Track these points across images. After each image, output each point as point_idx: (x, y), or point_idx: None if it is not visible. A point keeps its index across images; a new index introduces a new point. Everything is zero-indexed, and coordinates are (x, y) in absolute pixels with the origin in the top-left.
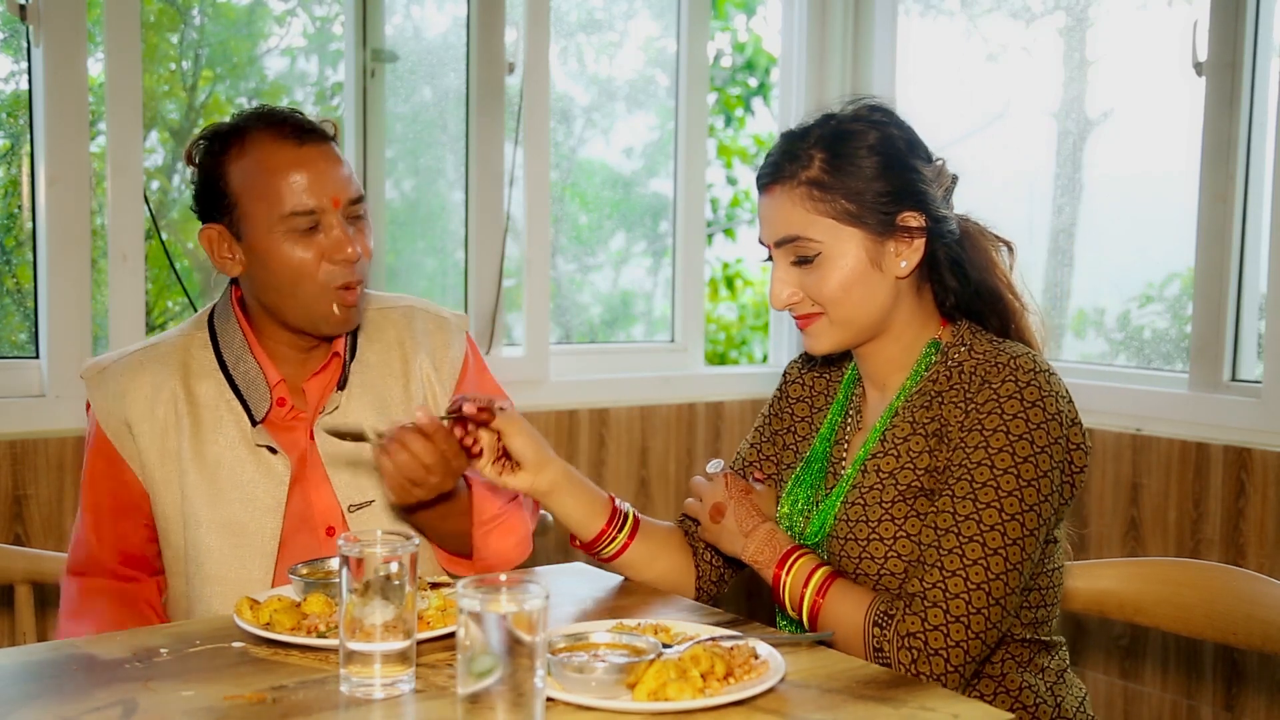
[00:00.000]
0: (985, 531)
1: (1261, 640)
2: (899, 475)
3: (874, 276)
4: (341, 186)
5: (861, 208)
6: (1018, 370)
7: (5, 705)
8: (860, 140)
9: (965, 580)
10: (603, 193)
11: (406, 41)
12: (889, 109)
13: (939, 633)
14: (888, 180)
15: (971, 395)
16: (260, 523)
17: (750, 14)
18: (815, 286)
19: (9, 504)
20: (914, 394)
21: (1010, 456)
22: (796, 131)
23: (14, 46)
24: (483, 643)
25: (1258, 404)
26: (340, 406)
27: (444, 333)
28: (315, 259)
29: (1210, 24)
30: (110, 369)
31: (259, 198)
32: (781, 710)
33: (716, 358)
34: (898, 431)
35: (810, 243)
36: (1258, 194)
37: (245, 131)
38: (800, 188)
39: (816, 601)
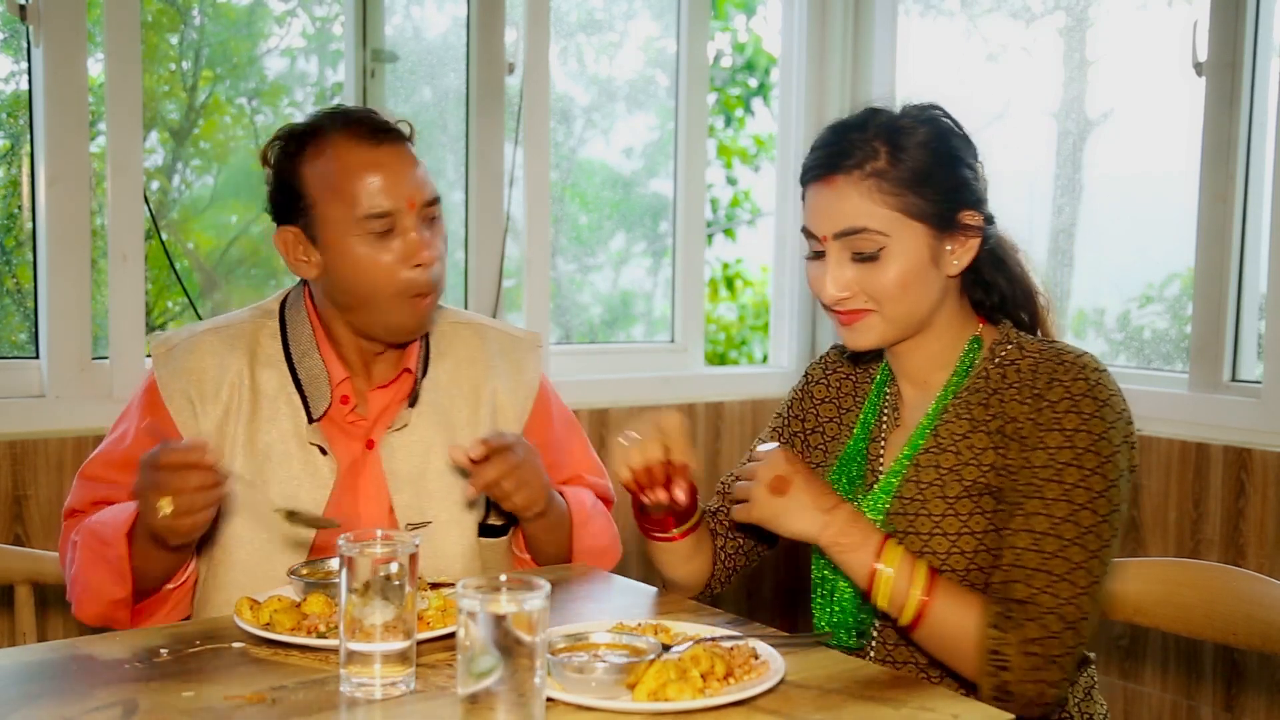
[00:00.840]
0: (1083, 534)
1: (1261, 640)
2: (963, 472)
3: (930, 274)
4: (417, 188)
5: (927, 202)
6: (1086, 369)
7: (5, 705)
8: (918, 134)
9: (1073, 585)
10: (603, 193)
11: (406, 42)
12: (939, 105)
13: (1056, 640)
14: (948, 176)
15: (1041, 392)
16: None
17: (750, 14)
18: (874, 282)
19: (9, 504)
20: (965, 390)
21: (1095, 456)
22: (852, 122)
23: (14, 46)
24: (483, 643)
25: (1258, 404)
26: (410, 424)
27: (517, 353)
28: (392, 263)
29: (1210, 24)
30: (179, 346)
31: (335, 200)
32: (781, 710)
33: (716, 358)
34: (955, 428)
35: (875, 236)
36: (1258, 194)
37: (320, 132)
38: (869, 179)
39: (924, 601)
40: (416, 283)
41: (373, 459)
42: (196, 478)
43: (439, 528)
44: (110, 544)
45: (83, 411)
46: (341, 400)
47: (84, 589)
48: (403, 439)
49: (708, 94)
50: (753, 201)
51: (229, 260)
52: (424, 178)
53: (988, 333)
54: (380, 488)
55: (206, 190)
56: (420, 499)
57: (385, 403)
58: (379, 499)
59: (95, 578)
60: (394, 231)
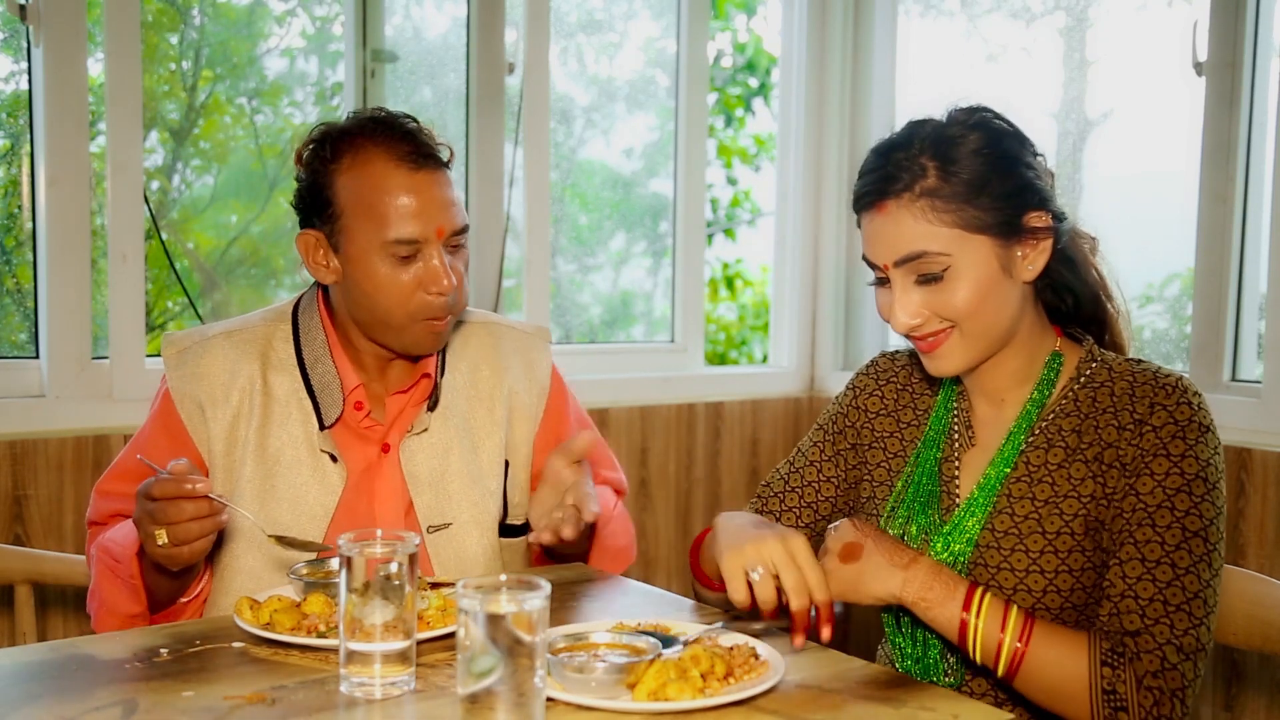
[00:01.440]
0: (1197, 563)
1: (1261, 640)
2: (1062, 505)
3: (1005, 284)
4: (448, 217)
5: (987, 212)
6: (1188, 393)
7: (5, 705)
8: (968, 141)
9: (1190, 615)
10: (603, 193)
11: (406, 42)
12: (984, 106)
13: (1176, 672)
14: (1007, 180)
15: (1143, 418)
16: (303, 528)
17: (750, 14)
18: (945, 303)
19: (9, 504)
20: (1050, 413)
21: (1204, 484)
22: (896, 141)
23: (14, 46)
24: (483, 643)
25: (1258, 404)
26: (429, 428)
27: (530, 350)
28: (411, 286)
29: (1210, 24)
30: (191, 349)
31: (364, 216)
32: (781, 710)
33: (716, 358)
34: (1050, 457)
35: (938, 258)
36: (1258, 194)
37: (360, 142)
38: (921, 200)
39: (1019, 649)
40: (432, 307)
41: (389, 462)
42: (190, 508)
43: (460, 529)
44: (122, 562)
45: (83, 411)
46: (355, 406)
47: (101, 605)
48: (422, 442)
49: (708, 94)
50: (753, 201)
51: (229, 260)
52: (457, 206)
53: (1068, 348)
54: (397, 491)
55: (206, 190)
56: (441, 501)
57: (402, 406)
58: (395, 502)
59: (111, 595)
60: (418, 257)
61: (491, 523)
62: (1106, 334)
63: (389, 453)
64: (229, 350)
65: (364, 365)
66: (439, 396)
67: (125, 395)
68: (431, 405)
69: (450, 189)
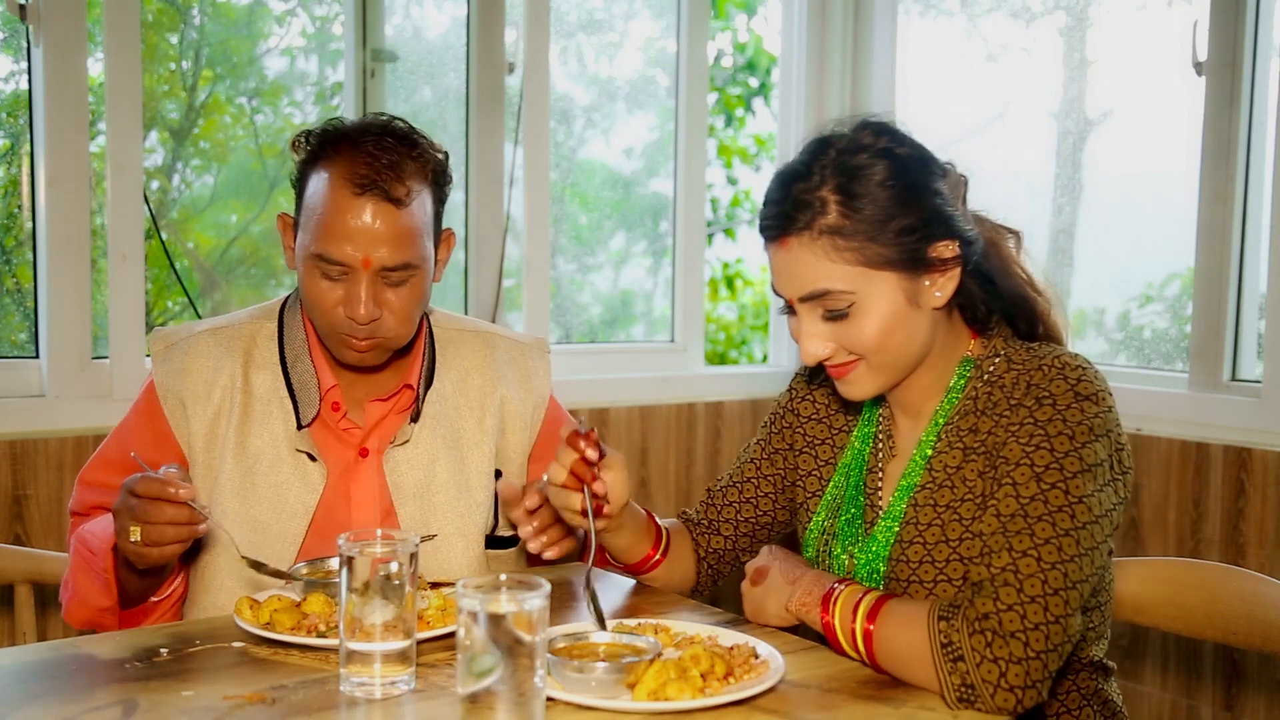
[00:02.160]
0: (1054, 512)
1: (1261, 640)
2: (960, 509)
3: (912, 315)
4: (381, 251)
5: (891, 249)
6: (1065, 369)
7: (5, 705)
8: (873, 173)
9: (1038, 560)
10: (603, 193)
11: (406, 41)
12: (890, 126)
13: (1014, 613)
14: (912, 213)
15: (1019, 401)
16: (283, 526)
17: (751, 14)
18: (852, 337)
19: (9, 504)
20: (955, 415)
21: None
22: (798, 171)
23: (14, 46)
24: (483, 642)
25: (1258, 404)
26: (411, 440)
27: (526, 360)
28: (334, 301)
29: (1210, 24)
30: (177, 345)
31: (309, 219)
32: (781, 710)
33: (716, 358)
34: (948, 460)
35: (842, 295)
36: (1258, 194)
37: (338, 147)
38: (822, 238)
39: (867, 628)
40: (351, 328)
41: (367, 468)
42: (170, 512)
43: (445, 541)
44: (98, 555)
45: (83, 411)
46: (333, 407)
47: (73, 595)
48: (406, 452)
49: (708, 94)
50: (753, 201)
51: (229, 260)
52: (397, 242)
53: (978, 349)
54: (373, 497)
55: (206, 190)
56: (426, 512)
57: (383, 414)
58: (372, 508)
59: (83, 586)
60: (346, 278)
61: (478, 534)
62: (1040, 326)
63: (366, 457)
64: (213, 347)
65: (339, 366)
66: (421, 408)
67: (125, 395)
68: (414, 417)
69: (397, 222)
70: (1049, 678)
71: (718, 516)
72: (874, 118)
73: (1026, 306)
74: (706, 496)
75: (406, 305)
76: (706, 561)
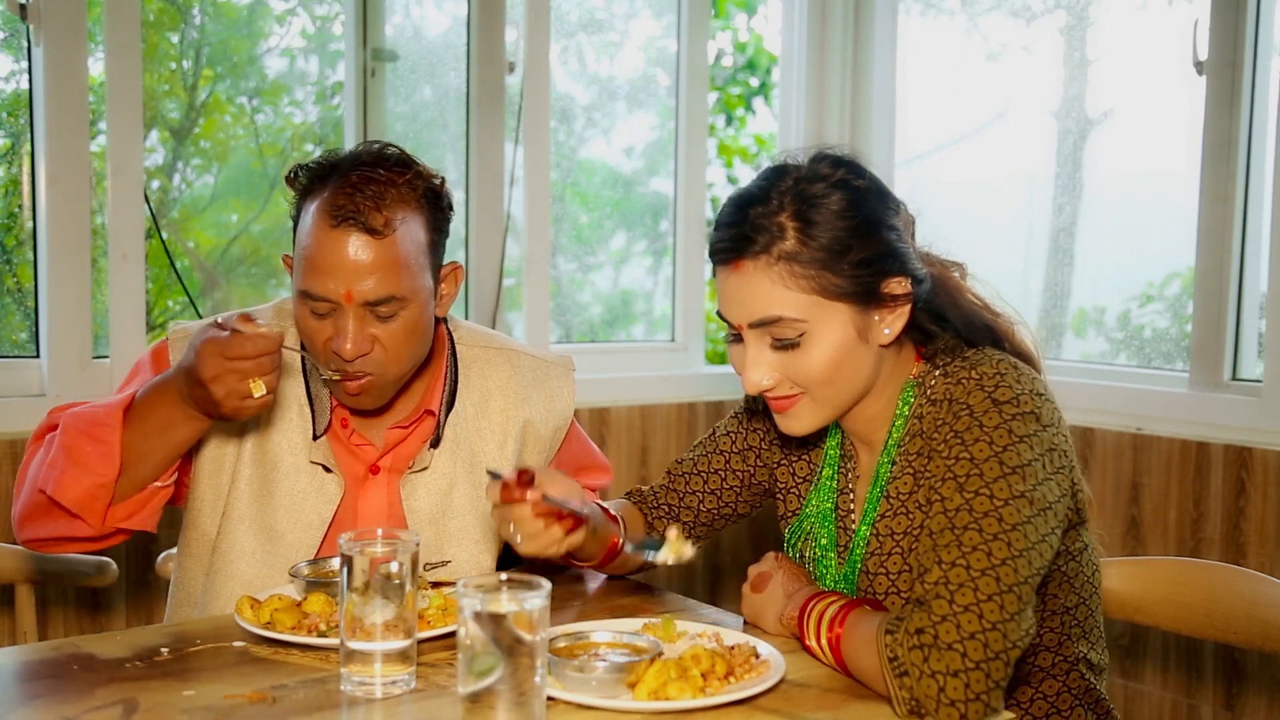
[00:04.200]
0: (980, 519)
1: (1262, 639)
2: (920, 535)
3: (860, 350)
4: (363, 285)
5: (845, 280)
6: (984, 377)
7: (5, 705)
8: (832, 202)
9: (968, 569)
10: (603, 192)
11: (406, 41)
12: (848, 158)
13: (949, 624)
14: (869, 246)
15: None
16: (299, 536)
17: (751, 13)
18: (799, 369)
19: (9, 504)
20: (904, 439)
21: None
22: (756, 195)
23: (14, 46)
24: (484, 642)
25: (1258, 403)
26: (430, 466)
27: (551, 379)
28: (324, 337)
29: (1210, 23)
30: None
31: (297, 257)
32: (781, 709)
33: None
34: (901, 486)
35: (794, 323)
36: (1258, 194)
37: (325, 180)
38: (778, 264)
39: (836, 633)
40: (340, 365)
41: (376, 486)
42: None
43: (458, 566)
44: (103, 424)
45: None
46: (341, 423)
47: (62, 473)
48: (424, 478)
49: (708, 93)
50: None
51: (229, 259)
52: (379, 275)
53: (920, 369)
54: (380, 515)
55: (207, 189)
56: (440, 539)
57: (401, 439)
58: (379, 525)
59: (81, 457)
60: (333, 314)
61: (489, 561)
62: (1007, 345)
63: (377, 475)
64: None
65: None
66: (441, 434)
67: None
68: (434, 443)
69: (378, 254)
70: (996, 687)
71: (678, 503)
72: (832, 149)
73: (984, 330)
74: (667, 480)
75: (397, 341)
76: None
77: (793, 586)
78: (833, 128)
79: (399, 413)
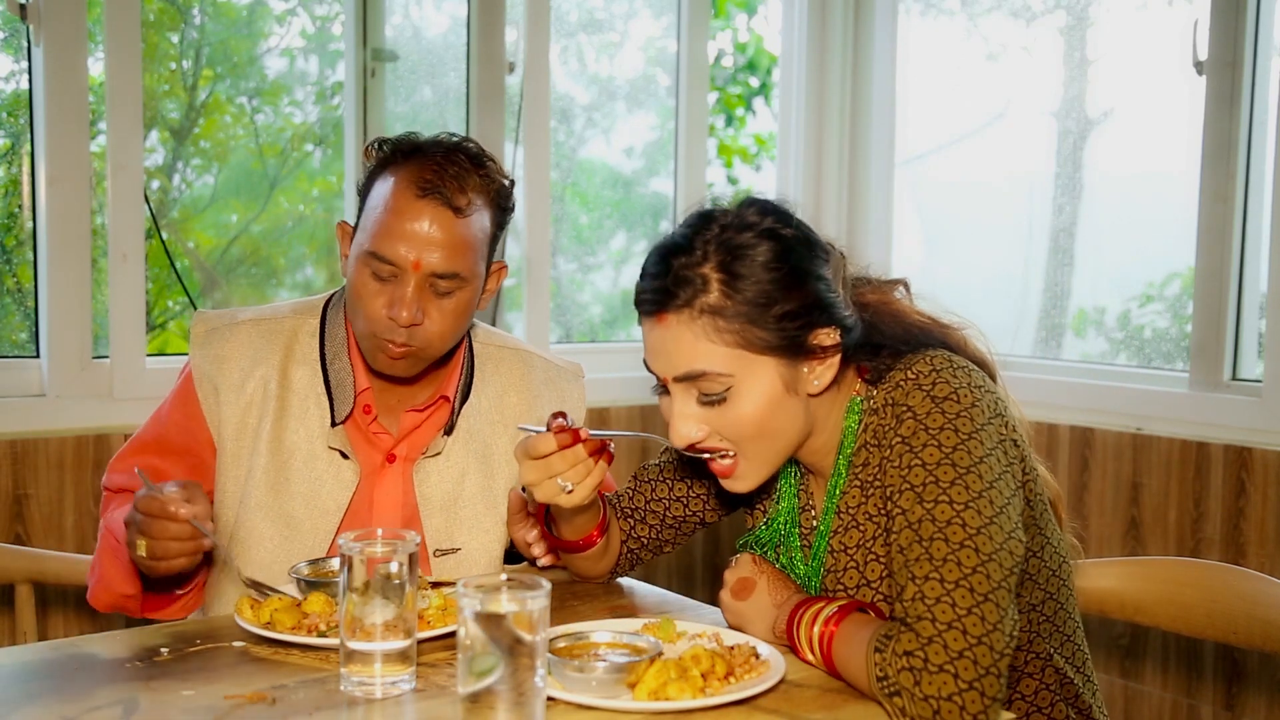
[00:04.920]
0: (944, 527)
1: (1262, 639)
2: (874, 547)
3: (789, 401)
4: (431, 256)
5: (772, 333)
6: (920, 377)
7: (5, 705)
8: (757, 254)
9: (941, 582)
10: (603, 192)
11: (406, 41)
12: (776, 205)
13: (936, 645)
14: (795, 298)
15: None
16: (315, 523)
17: (751, 13)
18: (727, 423)
19: (9, 504)
20: (853, 454)
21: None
22: (680, 244)
23: (14, 46)
24: (483, 642)
25: (1258, 403)
26: (443, 452)
27: (561, 382)
28: (380, 303)
29: (1210, 23)
30: (218, 330)
31: (367, 220)
32: (781, 710)
33: None
34: (849, 500)
35: (719, 378)
36: (1258, 194)
37: (408, 155)
38: (702, 317)
39: (829, 630)
40: (391, 330)
41: (392, 475)
42: (173, 529)
43: (468, 555)
44: (123, 544)
45: (83, 411)
46: (364, 410)
47: (98, 580)
48: (437, 464)
49: (708, 93)
50: None
51: (229, 259)
52: (450, 250)
53: (863, 386)
54: (396, 504)
55: (207, 189)
56: (451, 526)
57: (416, 424)
58: (395, 515)
59: (109, 571)
60: (394, 280)
61: (498, 550)
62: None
63: (393, 464)
64: (254, 338)
65: (374, 371)
66: (455, 422)
67: (126, 395)
68: (448, 430)
69: (454, 230)
70: (993, 702)
71: (644, 506)
72: (760, 195)
73: (932, 341)
74: (633, 484)
75: (448, 318)
76: (628, 545)
77: (781, 595)
78: (833, 128)
79: (417, 397)
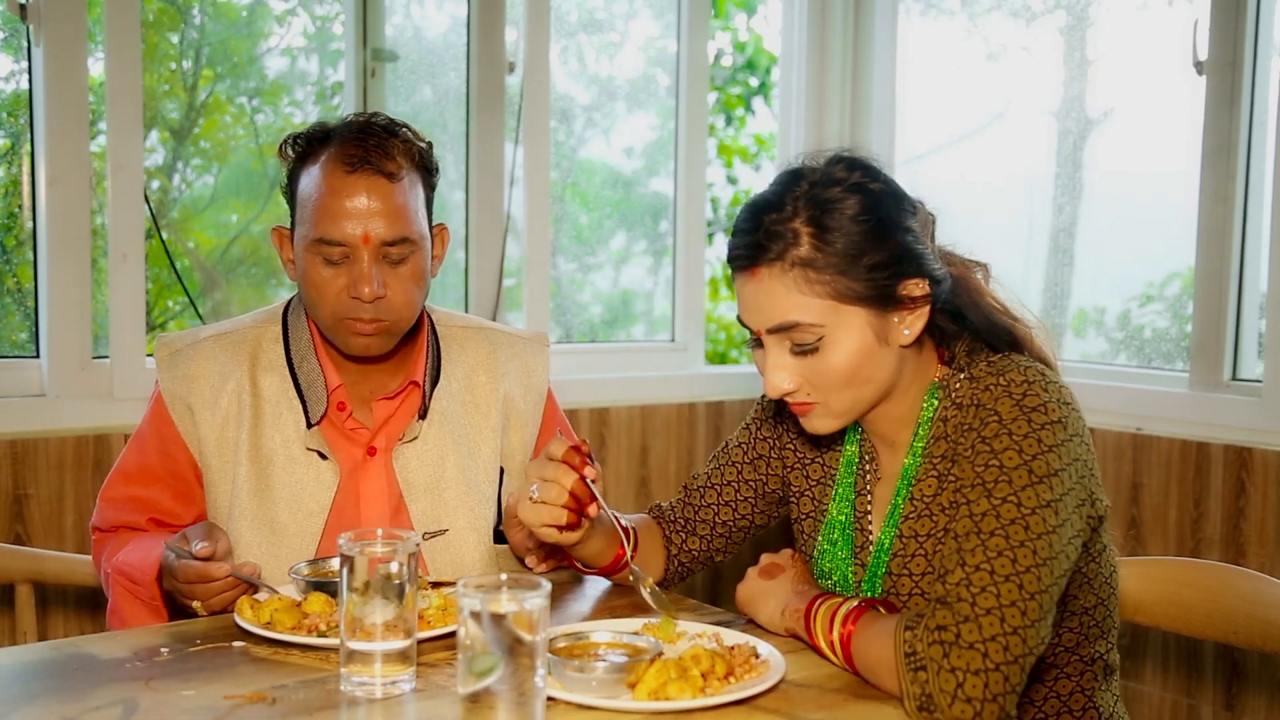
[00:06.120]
0: (1006, 525)
1: (1262, 639)
2: (942, 537)
3: (880, 352)
4: (378, 225)
5: (862, 284)
6: (1010, 385)
7: (5, 705)
8: (847, 207)
9: (992, 574)
10: (603, 192)
11: (406, 41)
12: (863, 160)
13: (971, 624)
14: (884, 249)
15: (969, 422)
16: (301, 525)
17: (751, 13)
18: (819, 373)
19: (9, 504)
20: (929, 442)
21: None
22: (770, 201)
23: (14, 46)
24: (483, 642)
25: (1258, 403)
26: (420, 436)
27: (526, 354)
28: (337, 288)
29: (1211, 23)
30: (182, 351)
31: (303, 213)
32: (781, 710)
33: (717, 357)
34: (925, 489)
35: (811, 328)
36: (1258, 194)
37: (324, 140)
38: (794, 270)
39: (845, 633)
40: (356, 309)
41: (375, 467)
42: (217, 586)
43: (456, 535)
44: (142, 585)
45: (83, 411)
46: (339, 407)
47: (123, 622)
48: (415, 449)
49: (708, 93)
50: None
51: (229, 259)
52: (393, 216)
53: (945, 372)
54: (382, 495)
55: (207, 189)
56: (437, 508)
57: (390, 413)
58: (381, 506)
59: (133, 614)
60: (347, 261)
61: (487, 529)
62: (1026, 351)
63: (374, 456)
64: (219, 353)
65: (343, 366)
66: (428, 405)
67: (126, 395)
68: (422, 414)
69: (392, 196)
70: (1012, 691)
71: (694, 516)
72: (847, 152)
73: (1004, 334)
74: (683, 494)
75: (408, 285)
76: (679, 559)
77: (803, 587)
78: (833, 128)
79: (387, 385)
